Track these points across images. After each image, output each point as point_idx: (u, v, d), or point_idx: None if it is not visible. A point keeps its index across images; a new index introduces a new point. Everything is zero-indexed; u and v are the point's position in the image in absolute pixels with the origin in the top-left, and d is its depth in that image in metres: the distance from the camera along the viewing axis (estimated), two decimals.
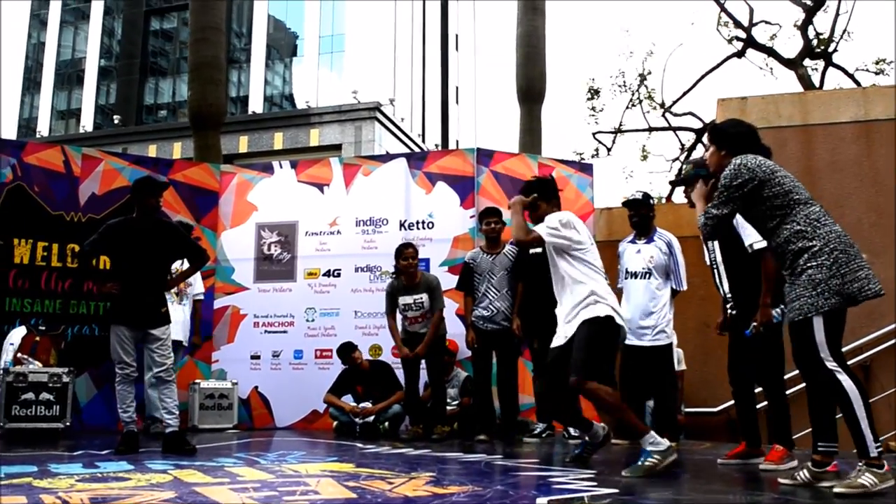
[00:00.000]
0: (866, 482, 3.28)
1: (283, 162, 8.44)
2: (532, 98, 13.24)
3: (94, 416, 7.10)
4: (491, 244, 6.50)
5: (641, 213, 5.95)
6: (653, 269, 5.87)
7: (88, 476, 3.93)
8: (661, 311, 5.83)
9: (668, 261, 5.92)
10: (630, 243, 6.06)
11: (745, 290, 4.48)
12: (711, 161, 3.98)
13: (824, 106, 8.15)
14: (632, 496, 3.21)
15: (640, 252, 5.93)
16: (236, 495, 3.23)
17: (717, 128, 4.03)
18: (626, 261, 6.00)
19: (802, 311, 3.45)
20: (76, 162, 7.53)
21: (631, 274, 5.93)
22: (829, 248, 3.45)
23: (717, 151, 3.94)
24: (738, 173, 3.64)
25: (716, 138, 3.97)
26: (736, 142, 3.87)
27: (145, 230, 5.32)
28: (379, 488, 3.44)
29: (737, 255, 4.52)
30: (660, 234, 5.99)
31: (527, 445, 5.75)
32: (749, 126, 3.96)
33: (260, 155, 27.08)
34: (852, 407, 3.36)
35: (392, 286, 6.62)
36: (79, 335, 7.25)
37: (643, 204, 5.98)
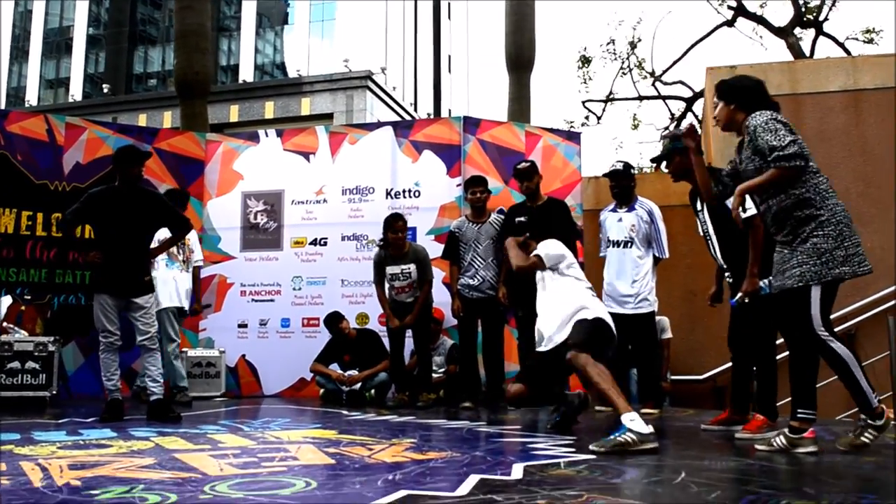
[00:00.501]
0: (867, 439, 3.45)
1: (269, 130, 8.40)
2: (521, 66, 13.17)
3: (81, 384, 7.13)
4: (476, 213, 6.50)
5: (623, 184, 6.03)
6: (635, 237, 5.93)
7: (70, 443, 3.95)
8: (643, 279, 5.90)
9: (650, 229, 5.97)
10: (611, 212, 6.12)
11: (737, 260, 4.48)
12: (721, 116, 3.96)
13: (813, 75, 8.12)
14: (608, 462, 3.24)
15: (622, 221, 6.00)
16: (215, 462, 3.26)
17: (726, 83, 3.98)
18: (608, 229, 6.06)
19: (804, 278, 3.49)
20: (59, 131, 7.47)
21: (613, 242, 6.00)
22: (835, 220, 3.50)
23: (726, 106, 3.92)
24: (774, 120, 3.60)
25: (725, 93, 3.93)
26: (746, 95, 3.85)
27: (128, 199, 5.29)
28: (358, 454, 3.46)
29: (727, 224, 4.51)
30: (641, 203, 6.05)
31: (511, 413, 5.78)
32: (756, 80, 3.94)
33: (251, 124, 26.84)
34: (850, 369, 3.46)
35: (379, 256, 6.62)
36: (65, 304, 7.25)
37: (624, 175, 6.06)
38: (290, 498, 2.45)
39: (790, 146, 3.48)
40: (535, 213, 6.23)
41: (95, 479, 2.84)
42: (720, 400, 8.02)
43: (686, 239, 8.47)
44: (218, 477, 2.86)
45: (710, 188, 4.10)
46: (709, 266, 8.26)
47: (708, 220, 4.66)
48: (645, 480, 2.75)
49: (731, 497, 2.43)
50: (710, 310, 8.24)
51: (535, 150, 7.63)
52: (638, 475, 2.87)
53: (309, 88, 29.27)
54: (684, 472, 2.90)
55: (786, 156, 3.48)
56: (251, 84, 32.39)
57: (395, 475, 2.89)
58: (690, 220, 8.38)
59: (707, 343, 8.26)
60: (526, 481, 2.74)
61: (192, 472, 2.97)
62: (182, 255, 6.96)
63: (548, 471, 2.98)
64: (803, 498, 2.46)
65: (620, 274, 5.91)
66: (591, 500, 2.38)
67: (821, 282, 3.47)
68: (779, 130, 3.56)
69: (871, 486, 2.87)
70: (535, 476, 2.85)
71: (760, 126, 3.62)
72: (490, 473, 2.91)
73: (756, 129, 3.64)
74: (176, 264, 6.92)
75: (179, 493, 2.51)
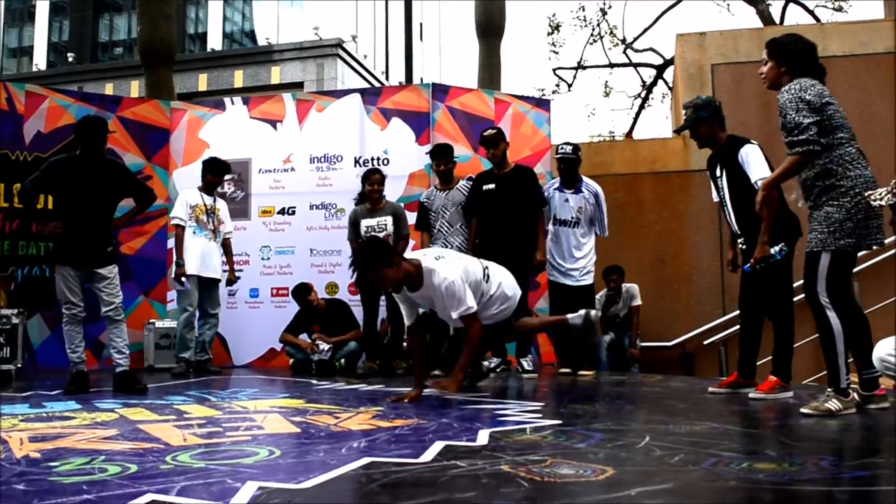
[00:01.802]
0: (832, 406, 3.54)
1: (235, 98, 8.28)
2: (491, 33, 13.08)
3: (47, 357, 7.04)
4: (444, 182, 6.47)
5: (571, 167, 6.42)
6: (581, 218, 6.39)
7: (33, 416, 3.90)
8: (588, 255, 6.42)
9: (594, 210, 6.45)
10: (557, 191, 6.48)
11: (751, 227, 4.52)
12: (769, 75, 3.98)
13: None
14: (573, 427, 3.26)
15: (569, 202, 6.42)
16: (179, 432, 3.23)
17: (779, 42, 3.97)
18: (556, 208, 6.43)
19: (811, 244, 3.63)
20: (19, 99, 7.31)
21: (560, 222, 6.42)
22: (854, 191, 3.56)
23: (776, 66, 3.93)
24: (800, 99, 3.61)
25: (776, 53, 3.94)
26: (798, 59, 3.86)
27: (89, 168, 5.19)
28: (324, 423, 3.46)
29: (744, 191, 4.54)
30: (586, 185, 6.48)
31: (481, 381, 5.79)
32: (810, 43, 3.94)
33: (220, 93, 26.42)
34: (834, 342, 3.58)
35: (355, 212, 6.60)
36: (29, 276, 7.15)
37: (573, 160, 6.43)
38: (252, 466, 2.43)
39: (806, 131, 3.55)
40: (502, 181, 6.21)
41: (56, 450, 2.81)
42: (689, 366, 8.12)
43: (655, 207, 8.54)
44: (181, 447, 2.83)
45: None
46: (675, 234, 8.39)
47: (726, 186, 4.69)
48: (609, 445, 2.76)
49: (693, 460, 2.45)
50: (678, 277, 8.39)
51: (504, 117, 7.60)
52: (602, 440, 2.88)
53: (279, 57, 28.85)
54: (648, 437, 2.93)
55: (800, 141, 3.56)
56: (220, 52, 31.86)
57: (361, 442, 2.88)
58: (660, 188, 8.52)
59: (676, 310, 8.34)
60: (491, 447, 2.75)
61: (155, 443, 2.94)
62: (211, 224, 6.86)
63: (513, 436, 2.99)
64: (765, 461, 2.48)
65: (568, 250, 6.38)
66: (554, 464, 2.39)
67: (827, 250, 3.57)
68: (800, 112, 3.59)
69: (832, 449, 2.92)
70: (500, 442, 2.85)
71: (785, 105, 3.66)
72: (456, 440, 2.91)
73: (782, 107, 3.68)
74: (204, 232, 6.83)
75: (140, 464, 2.49)
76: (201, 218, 6.81)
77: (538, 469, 2.31)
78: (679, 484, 2.13)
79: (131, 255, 7.47)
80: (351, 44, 30.28)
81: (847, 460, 2.55)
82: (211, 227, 6.87)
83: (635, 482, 2.16)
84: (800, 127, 3.55)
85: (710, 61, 8.54)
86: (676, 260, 8.44)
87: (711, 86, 8.40)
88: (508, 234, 6.11)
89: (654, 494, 2.00)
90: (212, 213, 6.88)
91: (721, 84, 8.36)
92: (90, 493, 2.09)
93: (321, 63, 28.44)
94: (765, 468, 2.31)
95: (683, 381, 6.07)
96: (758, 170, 4.48)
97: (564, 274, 6.35)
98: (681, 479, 2.20)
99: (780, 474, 2.23)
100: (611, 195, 7.07)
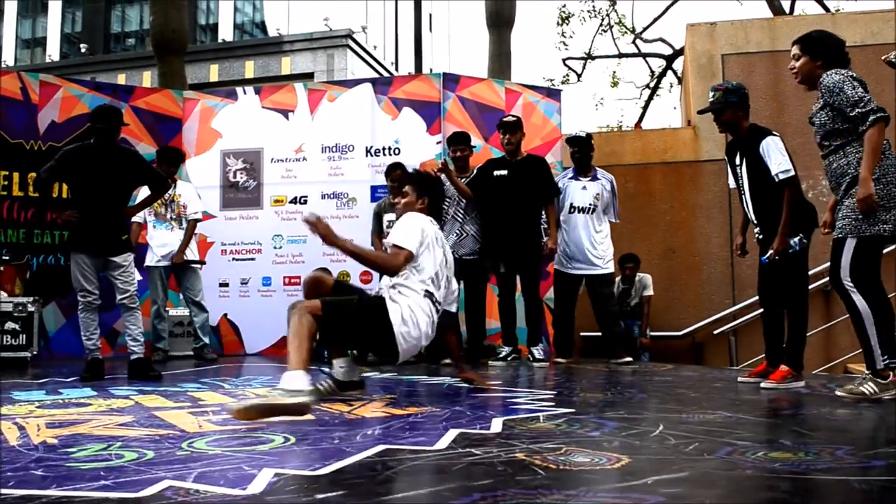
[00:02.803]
0: (867, 390, 3.60)
1: (247, 88, 8.29)
2: (501, 23, 13.03)
3: (62, 344, 7.10)
4: (459, 170, 6.47)
5: (584, 152, 6.45)
6: (598, 205, 6.40)
7: (50, 402, 3.93)
8: (606, 241, 6.48)
9: (611, 198, 6.52)
10: (573, 179, 6.50)
11: (769, 216, 4.56)
12: (803, 69, 4.04)
13: (793, 31, 8.05)
14: (587, 415, 3.26)
15: (586, 189, 6.43)
16: (194, 419, 3.25)
17: (814, 37, 4.06)
18: (571, 196, 6.43)
19: (843, 231, 3.69)
20: (34, 89, 7.35)
21: (577, 209, 6.40)
22: (885, 180, 3.64)
23: (811, 61, 4.00)
24: (852, 77, 3.71)
25: (811, 48, 4.02)
26: (833, 53, 3.95)
27: (103, 157, 5.20)
28: (338, 410, 3.47)
29: (763, 181, 4.55)
30: (602, 174, 6.55)
31: (492, 369, 5.82)
32: (840, 39, 4.06)
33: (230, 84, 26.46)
34: (864, 324, 3.65)
35: (379, 205, 6.67)
36: (44, 265, 7.21)
37: (586, 143, 6.46)
38: (267, 453, 2.45)
39: (870, 103, 3.64)
40: (514, 168, 6.23)
41: (73, 437, 2.83)
42: (698, 355, 8.12)
43: (665, 197, 8.52)
44: (196, 433, 2.85)
45: None
46: (685, 224, 8.37)
47: (745, 175, 4.70)
48: (623, 433, 2.77)
49: (708, 449, 2.45)
50: (688, 267, 8.37)
51: (515, 107, 7.58)
52: (616, 428, 2.89)
53: (289, 47, 28.84)
54: (662, 425, 2.93)
55: (871, 110, 3.62)
56: (231, 43, 31.86)
57: (375, 430, 2.89)
58: (670, 177, 8.49)
59: (685, 300, 8.34)
60: (505, 434, 2.76)
61: (171, 430, 2.96)
62: (170, 214, 6.90)
63: (527, 424, 3.00)
64: (780, 450, 2.48)
65: (588, 238, 6.36)
66: (569, 452, 2.40)
67: (857, 236, 3.64)
68: (856, 88, 3.68)
69: (847, 438, 2.90)
70: (514, 429, 2.86)
71: (837, 85, 3.72)
72: (469, 427, 2.92)
73: (834, 86, 3.73)
74: (164, 224, 6.88)
75: (156, 450, 2.51)
76: (159, 211, 6.84)
77: (553, 457, 2.31)
78: (695, 472, 2.13)
79: (145, 244, 7.49)
80: (361, 35, 30.27)
81: (862, 450, 2.55)
82: (170, 217, 6.89)
83: (651, 470, 2.17)
84: (864, 99, 3.65)
85: (721, 51, 8.50)
86: (686, 250, 8.42)
87: (722, 76, 8.36)
88: (517, 221, 6.13)
89: (671, 483, 2.00)
90: (171, 203, 6.89)
91: (731, 74, 8.31)
92: (108, 478, 2.10)
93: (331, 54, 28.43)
94: (780, 457, 2.31)
95: (694, 370, 6.07)
96: (778, 163, 4.48)
97: (587, 262, 6.35)
98: (696, 467, 2.20)
99: (797, 463, 2.23)
100: (621, 185, 7.08)
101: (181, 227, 6.95)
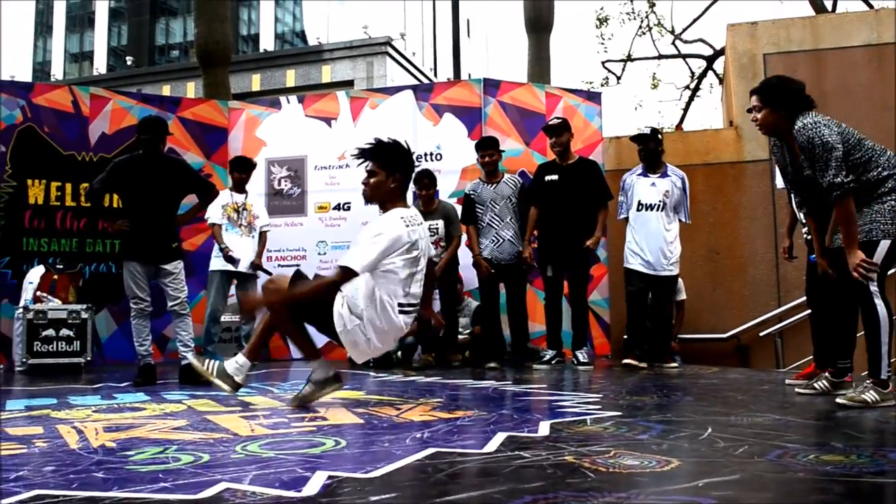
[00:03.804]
0: (869, 398, 3.51)
1: (291, 97, 8.42)
2: (540, 28, 13.05)
3: (114, 350, 7.28)
4: (490, 174, 6.49)
5: (651, 148, 6.17)
6: (667, 202, 6.13)
7: (105, 407, 4.04)
8: (675, 241, 6.20)
9: (681, 196, 6.21)
10: (641, 176, 6.24)
11: (818, 216, 4.49)
12: (766, 122, 4.00)
13: (836, 30, 7.98)
14: (634, 418, 3.26)
15: (655, 185, 6.17)
16: (246, 423, 3.32)
17: (770, 87, 4.01)
18: (639, 193, 6.18)
19: (872, 233, 3.62)
20: (85, 102, 7.54)
21: (645, 206, 6.15)
22: None
23: (773, 112, 3.95)
24: (827, 131, 3.64)
25: (771, 99, 3.96)
26: (794, 101, 3.89)
27: (153, 167, 5.34)
28: (387, 414, 3.51)
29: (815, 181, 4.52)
30: (672, 170, 6.26)
31: (536, 372, 5.83)
32: (799, 82, 4.00)
33: (272, 93, 26.81)
34: (879, 330, 3.57)
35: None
36: (96, 273, 7.39)
37: (651, 138, 6.18)
38: (319, 456, 2.49)
39: (838, 175, 3.58)
40: (565, 173, 6.22)
41: (130, 440, 2.90)
42: (744, 358, 8.03)
43: (708, 198, 8.44)
44: (249, 437, 2.91)
45: None
46: (729, 225, 8.28)
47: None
48: (671, 436, 2.77)
49: (757, 451, 2.44)
50: (732, 269, 8.29)
51: (555, 110, 7.58)
52: (664, 431, 2.89)
53: (329, 56, 29.13)
54: (711, 428, 2.92)
55: (838, 184, 3.57)
56: (272, 53, 32.28)
57: (424, 433, 2.93)
58: (712, 179, 8.42)
59: (729, 302, 8.25)
60: (553, 438, 2.77)
61: (224, 433, 3.02)
62: (242, 220, 7.04)
63: (574, 427, 3.01)
64: (831, 452, 2.46)
65: (656, 237, 6.10)
66: (618, 455, 2.41)
67: (889, 237, 3.60)
68: (832, 153, 3.60)
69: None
70: (562, 433, 2.87)
71: (819, 145, 3.62)
72: (517, 431, 2.94)
73: (815, 145, 3.64)
74: (235, 229, 7.00)
75: (212, 453, 2.57)
76: (232, 216, 6.97)
77: (602, 460, 2.32)
78: (746, 475, 2.12)
79: (193, 251, 7.64)
80: (399, 41, 30.42)
81: None
82: (242, 224, 7.01)
83: (701, 473, 2.17)
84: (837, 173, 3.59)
85: (762, 51, 8.40)
86: (730, 251, 8.33)
87: (764, 75, 8.25)
88: (569, 226, 6.12)
89: (722, 485, 2.00)
90: (243, 210, 7.02)
91: (773, 74, 8.19)
92: (166, 481, 2.16)
93: (370, 61, 28.62)
94: (832, 460, 2.30)
95: (740, 372, 6.01)
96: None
97: (652, 262, 6.08)
98: (747, 470, 2.19)
99: (849, 466, 2.21)
100: None
101: (251, 234, 7.09)
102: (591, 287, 7.18)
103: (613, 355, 6.48)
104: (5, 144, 7.17)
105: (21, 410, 3.93)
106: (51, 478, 2.24)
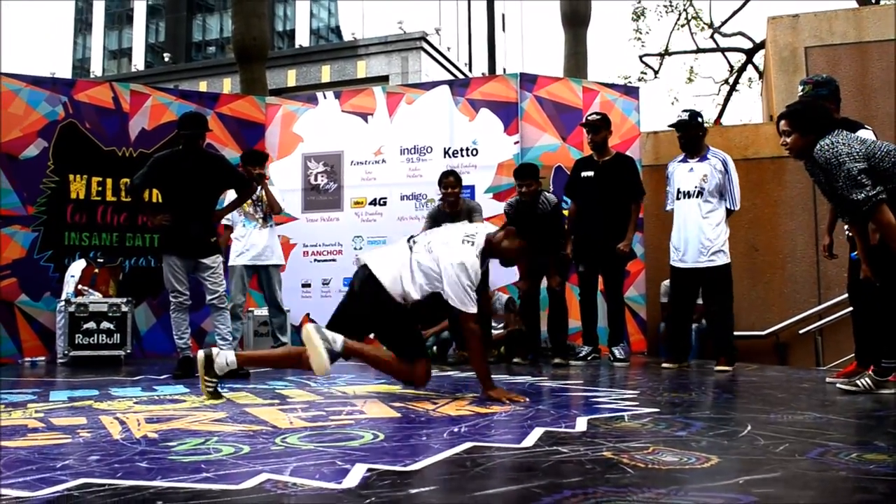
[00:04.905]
0: (861, 385, 3.83)
1: (327, 93, 8.48)
2: (577, 22, 12.97)
3: (154, 343, 7.39)
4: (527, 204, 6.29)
5: (690, 134, 5.78)
6: (706, 187, 5.69)
7: (146, 398, 4.10)
8: (716, 229, 5.66)
9: (724, 179, 5.72)
10: (681, 163, 5.88)
11: None
12: (796, 146, 4.00)
13: (880, 22, 7.83)
14: (672, 415, 3.24)
15: (693, 171, 5.76)
16: (285, 415, 3.35)
17: (797, 113, 4.02)
18: (678, 180, 5.83)
19: None
20: (125, 98, 7.65)
21: (683, 193, 5.77)
22: None
23: (802, 137, 3.97)
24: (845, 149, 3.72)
25: (800, 124, 3.98)
26: (822, 124, 3.93)
27: (192, 162, 5.40)
28: (423, 408, 3.53)
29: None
30: (714, 153, 5.79)
31: (572, 368, 5.81)
32: (823, 105, 4.15)
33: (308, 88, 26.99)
34: None
35: (436, 209, 6.65)
36: (136, 267, 7.50)
37: (690, 124, 5.80)
38: (358, 449, 2.51)
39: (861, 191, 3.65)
40: (601, 169, 6.18)
41: (171, 431, 2.95)
42: (783, 355, 7.93)
43: (748, 193, 8.29)
44: (288, 429, 2.94)
45: None
46: (768, 221, 8.17)
47: None
48: (710, 433, 2.74)
49: (798, 450, 2.41)
50: (772, 265, 8.19)
51: (592, 105, 7.54)
52: (703, 428, 2.86)
53: (364, 51, 29.25)
54: (751, 426, 2.89)
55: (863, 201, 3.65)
56: (307, 49, 32.52)
57: (461, 427, 2.93)
58: (752, 174, 8.32)
59: (769, 299, 8.15)
60: (591, 433, 2.76)
61: (263, 426, 3.06)
62: (259, 213, 7.04)
63: (612, 423, 3.00)
64: (874, 451, 2.43)
65: (691, 225, 5.68)
66: (656, 451, 2.40)
67: None
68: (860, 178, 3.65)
69: None
70: (599, 429, 2.87)
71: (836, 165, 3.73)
72: (554, 426, 2.93)
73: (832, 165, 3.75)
74: (252, 223, 7.02)
75: (252, 445, 2.60)
76: (247, 210, 6.94)
77: (641, 456, 2.31)
78: (787, 473, 2.10)
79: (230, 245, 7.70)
80: (434, 36, 30.45)
81: None
82: (259, 216, 6.99)
83: (741, 470, 2.15)
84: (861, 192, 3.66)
85: (804, 44, 8.27)
86: (770, 247, 8.23)
87: (805, 69, 8.14)
88: (604, 222, 6.08)
89: (763, 483, 1.98)
90: (258, 202, 7.00)
91: (815, 67, 8.08)
92: (209, 471, 2.19)
93: (405, 56, 28.68)
94: (875, 459, 2.27)
95: (780, 370, 5.94)
96: None
97: (689, 254, 5.67)
98: (788, 468, 2.17)
99: (893, 466, 2.18)
100: None
101: (268, 225, 7.08)
102: (628, 283, 7.14)
103: (649, 352, 6.42)
104: (48, 140, 7.31)
105: (64, 402, 4.01)
106: (96, 467, 2.29)
